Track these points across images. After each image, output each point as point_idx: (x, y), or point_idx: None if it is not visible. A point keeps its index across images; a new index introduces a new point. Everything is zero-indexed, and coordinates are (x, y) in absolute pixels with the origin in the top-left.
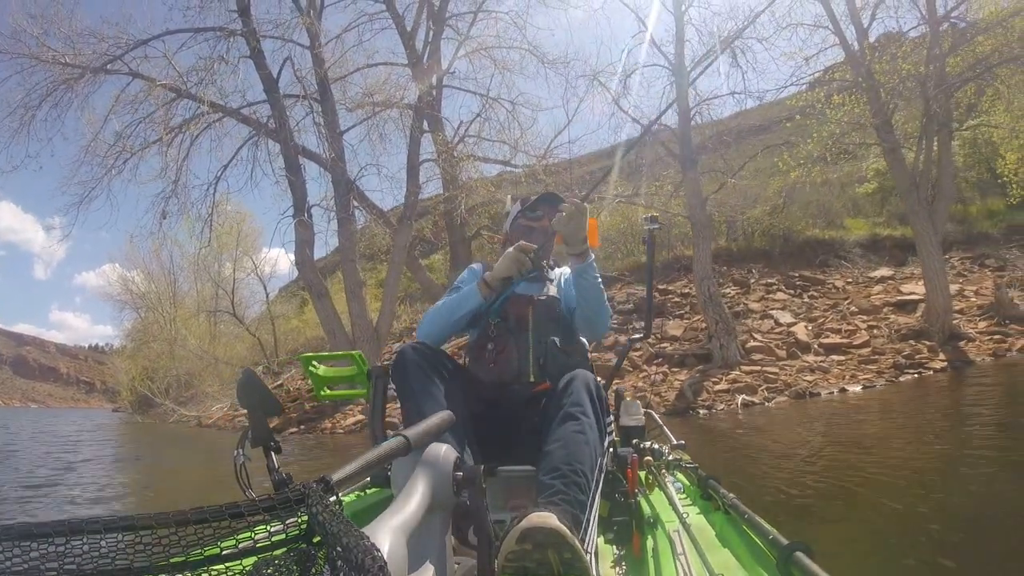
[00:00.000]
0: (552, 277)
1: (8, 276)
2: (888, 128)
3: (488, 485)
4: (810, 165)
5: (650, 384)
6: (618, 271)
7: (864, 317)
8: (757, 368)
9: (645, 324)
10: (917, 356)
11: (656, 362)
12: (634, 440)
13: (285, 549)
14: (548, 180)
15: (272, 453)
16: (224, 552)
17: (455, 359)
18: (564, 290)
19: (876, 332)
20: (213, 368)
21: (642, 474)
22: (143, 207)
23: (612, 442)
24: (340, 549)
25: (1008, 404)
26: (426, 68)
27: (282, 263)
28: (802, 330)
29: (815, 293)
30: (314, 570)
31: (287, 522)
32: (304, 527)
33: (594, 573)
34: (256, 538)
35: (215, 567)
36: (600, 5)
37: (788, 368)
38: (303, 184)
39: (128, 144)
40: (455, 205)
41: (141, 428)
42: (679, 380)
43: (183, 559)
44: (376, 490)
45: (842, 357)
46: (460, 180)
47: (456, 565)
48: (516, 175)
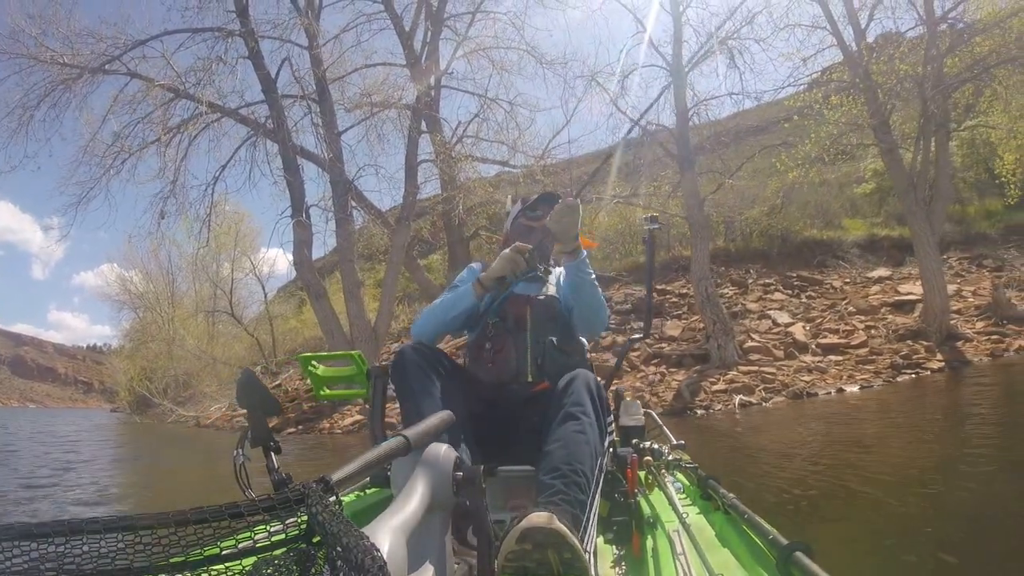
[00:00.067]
0: (550, 277)
1: (6, 276)
2: (886, 129)
3: (488, 485)
4: (808, 166)
5: (648, 384)
6: (616, 271)
7: (862, 317)
8: (755, 368)
9: (644, 324)
10: (914, 356)
11: (654, 362)
12: (634, 440)
13: (285, 549)
14: (546, 180)
15: (272, 453)
16: (224, 552)
17: (454, 359)
18: (563, 289)
19: (874, 332)
20: (211, 368)
21: (642, 474)
22: (141, 207)
23: (612, 442)
24: (340, 549)
25: (1006, 404)
26: (424, 68)
27: (280, 263)
28: (800, 330)
29: (813, 293)
30: (314, 570)
31: (287, 522)
32: (304, 527)
33: (594, 573)
34: (256, 538)
35: (215, 567)
36: (598, 6)
37: (785, 368)
38: (301, 184)
39: (126, 144)
40: (453, 205)
41: (139, 428)
42: (677, 380)
43: (183, 559)
44: (376, 490)
45: (839, 357)
46: (458, 180)
47: (456, 565)
48: (514, 175)
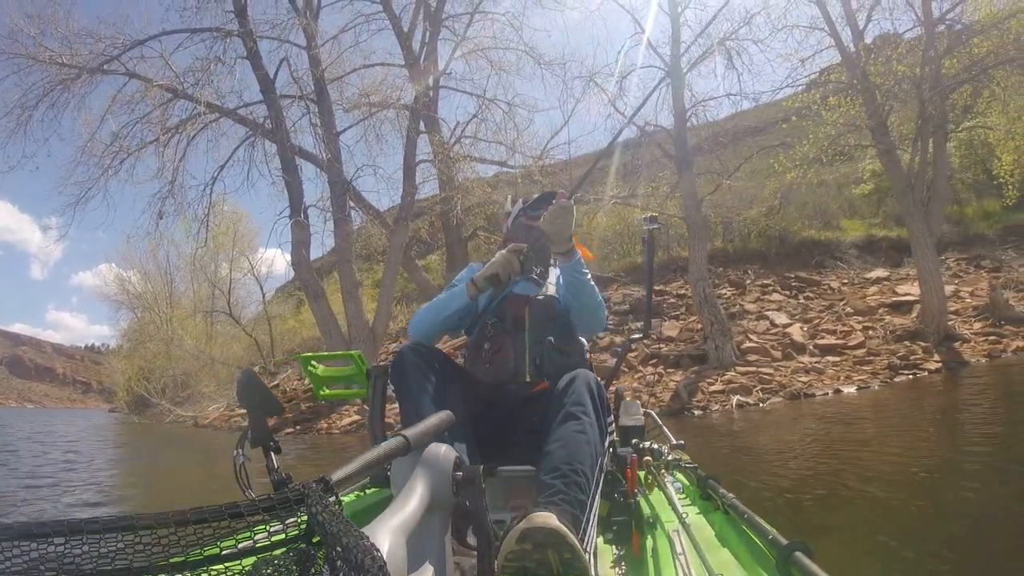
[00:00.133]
0: (550, 277)
1: (4, 276)
2: (883, 130)
3: (488, 485)
4: (806, 166)
5: (645, 385)
6: (614, 272)
7: (859, 318)
8: (752, 369)
9: (644, 324)
10: (912, 357)
11: (652, 363)
12: (633, 440)
13: (285, 549)
14: (544, 181)
15: (272, 453)
16: (224, 552)
17: (453, 359)
18: (561, 289)
19: (871, 333)
20: (209, 368)
21: (641, 474)
22: (140, 207)
23: (612, 442)
24: (340, 549)
25: (1003, 405)
26: (423, 69)
27: (278, 263)
28: (797, 331)
29: (811, 294)
30: (313, 570)
31: (287, 522)
32: (304, 527)
33: (593, 573)
34: (256, 538)
35: (215, 567)
36: (597, 6)
37: (783, 369)
38: (299, 185)
39: (125, 144)
40: (451, 206)
41: (137, 428)
42: (674, 381)
43: (183, 559)
44: (375, 490)
45: (837, 358)
46: (456, 181)
47: (455, 565)
48: (512, 176)
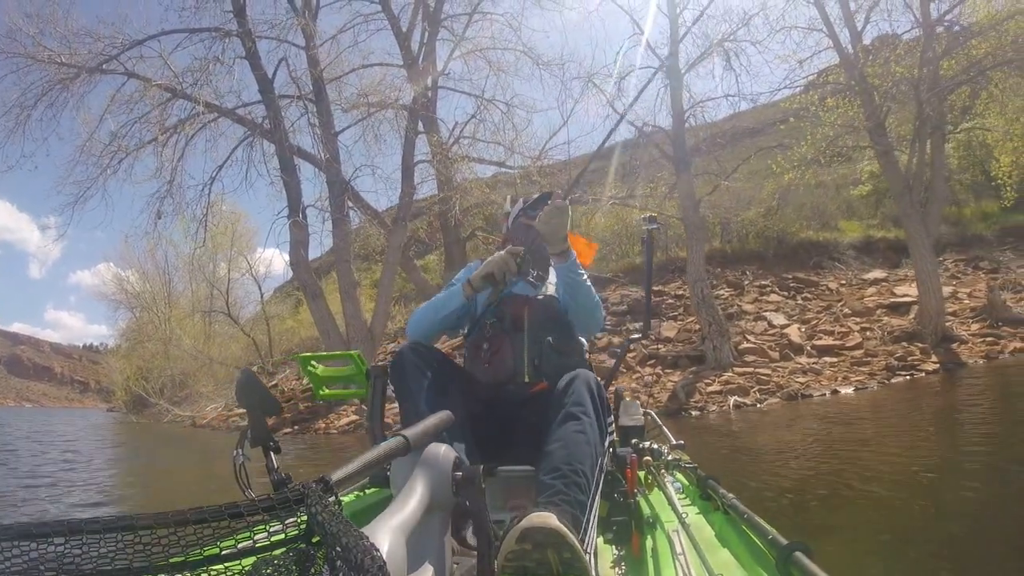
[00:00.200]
0: (550, 277)
1: (3, 275)
2: (881, 131)
3: (487, 485)
4: (804, 167)
5: (643, 385)
6: (612, 272)
7: (857, 319)
8: (750, 370)
9: (643, 323)
10: (909, 358)
11: (650, 363)
12: (633, 440)
13: (284, 549)
14: (543, 181)
15: (271, 453)
16: (223, 552)
17: (453, 359)
18: (559, 289)
19: (869, 334)
20: (208, 368)
21: (641, 474)
22: (138, 207)
23: (611, 442)
24: (339, 549)
25: (1001, 406)
26: (421, 69)
27: (277, 263)
28: (795, 332)
29: (809, 295)
30: (313, 570)
31: (286, 522)
32: (303, 527)
33: (593, 573)
34: (256, 538)
35: (214, 567)
36: (595, 7)
37: (780, 370)
38: (298, 185)
39: (123, 144)
40: (450, 206)
41: (136, 428)
42: (672, 381)
43: (182, 559)
44: (375, 490)
45: (835, 359)
46: (455, 181)
47: (455, 565)
48: (511, 176)
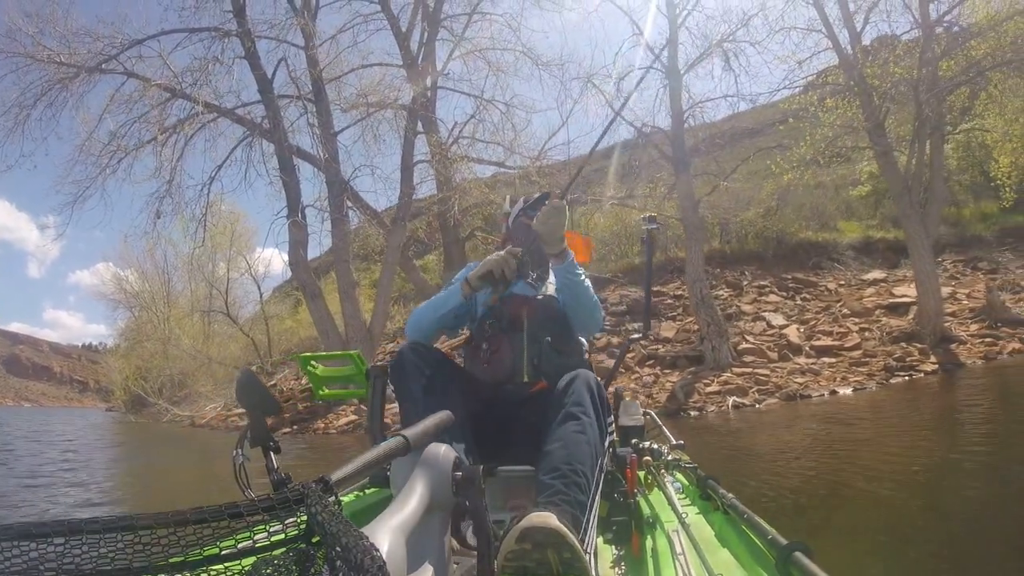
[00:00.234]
0: (551, 277)
1: (1, 274)
2: (880, 131)
3: (487, 485)
4: (803, 168)
5: (641, 386)
6: (611, 272)
7: (856, 319)
8: (748, 370)
9: (643, 323)
10: (908, 359)
11: (648, 364)
12: (633, 440)
13: (284, 549)
14: (542, 182)
15: (271, 453)
16: (223, 552)
17: (452, 359)
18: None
19: (867, 335)
20: (207, 368)
21: (641, 474)
22: (137, 206)
23: (611, 442)
24: (339, 549)
25: (1000, 406)
26: (421, 69)
27: (276, 263)
28: (794, 332)
29: (808, 295)
30: (313, 570)
31: (286, 522)
32: (303, 527)
33: (593, 573)
34: (255, 538)
35: (214, 567)
36: (595, 8)
37: (779, 370)
38: (297, 184)
39: (122, 144)
40: (449, 206)
41: (135, 428)
42: (671, 382)
43: (182, 559)
44: (375, 490)
45: (833, 359)
46: (454, 181)
47: (455, 565)
48: (510, 176)
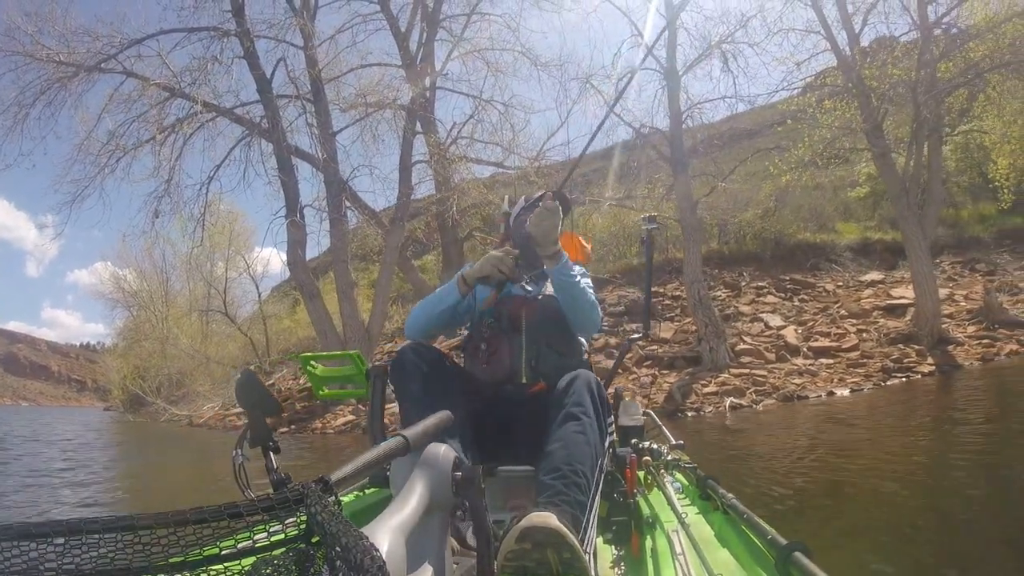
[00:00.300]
0: (547, 278)
1: (0, 273)
2: (879, 133)
3: (487, 485)
4: (801, 169)
5: (639, 386)
6: (610, 273)
7: (853, 321)
8: (746, 371)
9: (643, 323)
10: (905, 360)
11: (646, 364)
12: (633, 440)
13: (284, 549)
14: (541, 182)
15: (271, 453)
16: (223, 552)
17: (452, 359)
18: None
19: (865, 336)
20: (205, 367)
21: (641, 474)
22: (136, 206)
23: (611, 442)
24: (339, 549)
25: (998, 408)
26: (419, 69)
27: (274, 263)
28: (792, 333)
29: (805, 296)
30: (313, 570)
31: (286, 522)
32: (303, 527)
33: (593, 573)
34: (255, 538)
35: (214, 567)
36: (594, 8)
37: (777, 371)
38: (295, 184)
39: (121, 143)
40: (447, 206)
41: (133, 427)
42: (668, 382)
43: (182, 559)
44: (375, 490)
45: (831, 360)
46: (452, 181)
47: (455, 565)
48: (509, 177)
